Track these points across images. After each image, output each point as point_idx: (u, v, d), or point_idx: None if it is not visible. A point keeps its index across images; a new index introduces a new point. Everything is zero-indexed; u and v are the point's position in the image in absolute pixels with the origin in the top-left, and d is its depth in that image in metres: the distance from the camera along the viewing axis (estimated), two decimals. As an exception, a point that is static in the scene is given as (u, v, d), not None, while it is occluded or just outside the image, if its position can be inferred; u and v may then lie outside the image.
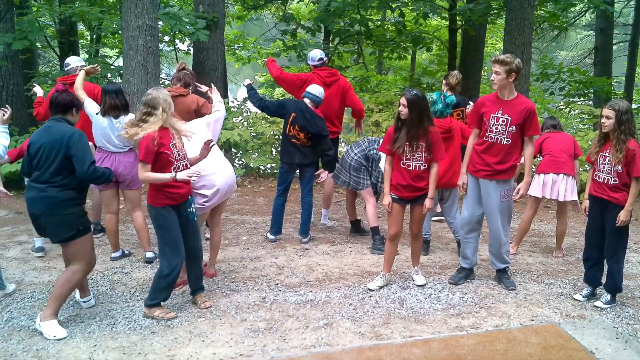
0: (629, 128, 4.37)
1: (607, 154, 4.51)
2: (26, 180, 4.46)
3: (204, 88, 5.69)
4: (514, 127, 4.64)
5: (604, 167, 4.54)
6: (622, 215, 4.44)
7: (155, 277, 4.27)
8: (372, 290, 4.89)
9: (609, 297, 4.67)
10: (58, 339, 3.95)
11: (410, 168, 4.69)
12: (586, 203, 4.80)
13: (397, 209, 4.85)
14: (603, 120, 4.48)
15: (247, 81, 6.27)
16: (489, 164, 4.75)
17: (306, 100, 5.90)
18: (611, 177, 4.49)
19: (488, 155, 4.72)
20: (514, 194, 4.81)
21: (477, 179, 4.88)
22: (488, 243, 5.10)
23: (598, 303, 4.67)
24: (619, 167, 4.42)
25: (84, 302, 4.52)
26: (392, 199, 4.81)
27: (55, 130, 4.05)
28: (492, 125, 4.69)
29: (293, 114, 5.83)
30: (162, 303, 4.34)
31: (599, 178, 4.59)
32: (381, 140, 6.03)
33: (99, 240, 5.94)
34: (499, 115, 4.67)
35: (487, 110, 4.73)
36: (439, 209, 6.21)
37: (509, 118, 4.63)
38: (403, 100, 4.59)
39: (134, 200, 5.45)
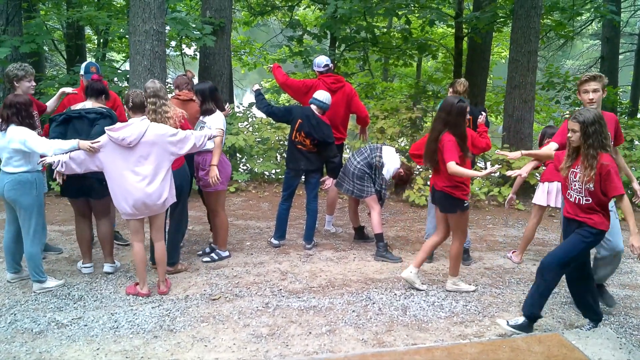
0: (598, 140, 3.86)
1: (578, 170, 4.01)
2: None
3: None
4: (612, 141, 4.38)
5: (574, 185, 4.04)
6: (634, 241, 3.88)
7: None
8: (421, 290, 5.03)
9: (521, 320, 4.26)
10: None
11: None
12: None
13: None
14: (569, 134, 4.01)
15: (256, 86, 6.31)
16: None
17: (313, 107, 5.90)
18: (583, 197, 4.00)
19: None
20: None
21: None
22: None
23: (501, 321, 4.31)
24: (591, 185, 3.91)
25: (86, 267, 5.30)
26: (467, 206, 4.83)
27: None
28: None
29: (299, 120, 5.84)
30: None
31: (570, 197, 4.09)
32: (383, 147, 6.04)
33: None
34: None
35: None
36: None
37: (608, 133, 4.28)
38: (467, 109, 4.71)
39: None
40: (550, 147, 4.52)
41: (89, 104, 5.09)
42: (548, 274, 4.08)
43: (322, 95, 5.93)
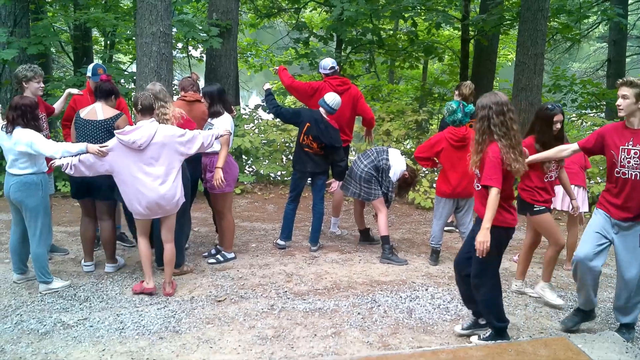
0: (485, 126, 3.75)
1: None
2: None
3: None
4: None
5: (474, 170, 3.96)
6: (478, 235, 3.71)
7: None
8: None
9: (488, 332, 4.17)
10: None
11: None
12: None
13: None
14: None
15: (267, 86, 6.34)
16: (630, 205, 4.07)
17: (321, 110, 5.91)
18: (476, 182, 3.94)
19: (626, 195, 4.05)
20: None
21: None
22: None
23: (474, 338, 4.22)
24: (477, 172, 3.86)
25: (87, 266, 5.39)
26: (537, 210, 4.80)
27: None
28: (624, 159, 4.01)
29: (307, 124, 5.84)
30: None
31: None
32: (389, 149, 6.04)
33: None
34: (630, 147, 3.98)
35: (613, 141, 4.06)
36: (450, 219, 6.18)
37: None
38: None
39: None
40: (571, 147, 4.45)
41: (98, 106, 5.10)
42: (476, 287, 4.02)
43: (331, 98, 5.91)
